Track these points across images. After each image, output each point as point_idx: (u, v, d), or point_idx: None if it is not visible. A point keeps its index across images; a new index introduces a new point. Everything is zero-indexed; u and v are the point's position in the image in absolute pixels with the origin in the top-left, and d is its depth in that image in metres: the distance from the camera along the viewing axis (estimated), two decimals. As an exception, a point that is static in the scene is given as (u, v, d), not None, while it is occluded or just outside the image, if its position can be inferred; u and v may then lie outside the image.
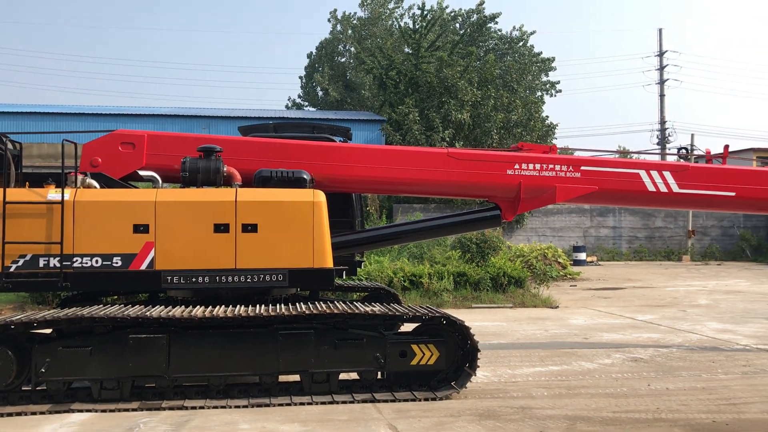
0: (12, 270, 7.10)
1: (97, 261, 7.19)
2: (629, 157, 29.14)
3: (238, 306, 7.34)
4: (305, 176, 8.03)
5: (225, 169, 7.90)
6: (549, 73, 40.55)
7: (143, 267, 7.22)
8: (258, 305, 7.44)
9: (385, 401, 6.99)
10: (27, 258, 7.12)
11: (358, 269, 10.26)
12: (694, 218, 35.59)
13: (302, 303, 7.71)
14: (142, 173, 8.11)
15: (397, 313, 7.23)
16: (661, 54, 50.69)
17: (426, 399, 7.08)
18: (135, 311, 6.99)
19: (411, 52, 33.67)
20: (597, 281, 23.12)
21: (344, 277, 10.49)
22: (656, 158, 46.82)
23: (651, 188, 9.22)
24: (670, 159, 40.08)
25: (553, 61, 40.22)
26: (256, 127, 9.75)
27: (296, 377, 7.28)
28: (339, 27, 45.33)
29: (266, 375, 7.12)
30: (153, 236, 7.23)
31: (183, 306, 7.42)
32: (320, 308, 7.20)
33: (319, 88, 45.44)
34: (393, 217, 28.71)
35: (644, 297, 18.22)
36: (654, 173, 9.23)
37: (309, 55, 48.05)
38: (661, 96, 50.53)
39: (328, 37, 46.13)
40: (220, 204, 7.36)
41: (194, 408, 6.76)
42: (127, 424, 6.31)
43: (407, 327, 7.67)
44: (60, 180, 7.34)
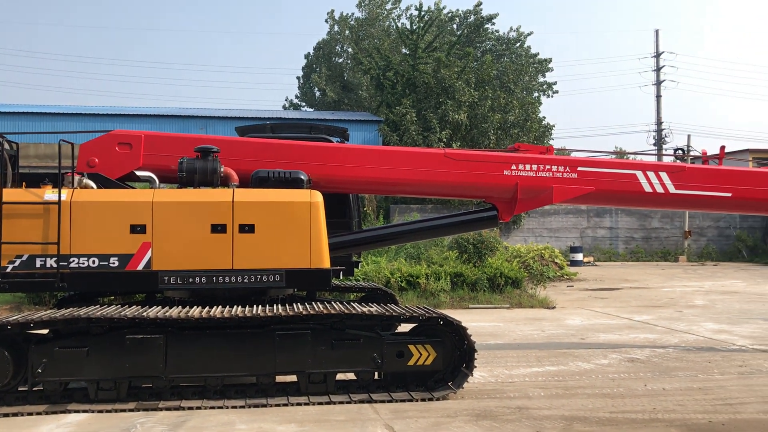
0: (9, 270, 7.09)
1: (94, 261, 7.18)
2: (626, 158, 29.21)
3: (235, 306, 7.34)
4: (302, 177, 8.03)
5: (222, 170, 7.89)
6: (546, 74, 40.67)
7: (140, 267, 7.21)
8: (255, 306, 7.44)
9: (382, 401, 7.00)
10: (24, 258, 7.11)
11: (356, 270, 10.25)
12: (691, 219, 35.67)
13: (299, 303, 7.71)
14: (139, 173, 8.11)
15: (394, 314, 7.24)
16: (658, 55, 50.80)
17: (423, 399, 7.08)
18: (132, 312, 6.99)
19: (408, 53, 33.70)
20: (594, 282, 23.16)
21: (341, 278, 10.50)
22: (653, 159, 46.88)
23: (647, 189, 9.24)
24: (667, 160, 40.11)
25: (550, 62, 40.32)
26: (254, 128, 9.74)
27: (293, 378, 7.28)
28: (336, 28, 45.34)
29: (263, 375, 7.12)
30: (150, 236, 7.22)
31: (180, 306, 7.41)
32: (317, 309, 7.20)
33: (317, 89, 45.44)
34: (390, 218, 28.71)
35: (641, 297, 18.25)
36: (650, 174, 9.25)
37: (306, 56, 48.10)
38: (658, 97, 50.64)
39: (326, 38, 46.14)
40: (217, 204, 7.36)
41: (191, 408, 6.75)
42: (124, 425, 6.30)
43: (404, 327, 7.67)
44: (57, 180, 7.33)
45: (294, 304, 7.58)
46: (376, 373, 7.33)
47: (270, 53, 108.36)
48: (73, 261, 7.15)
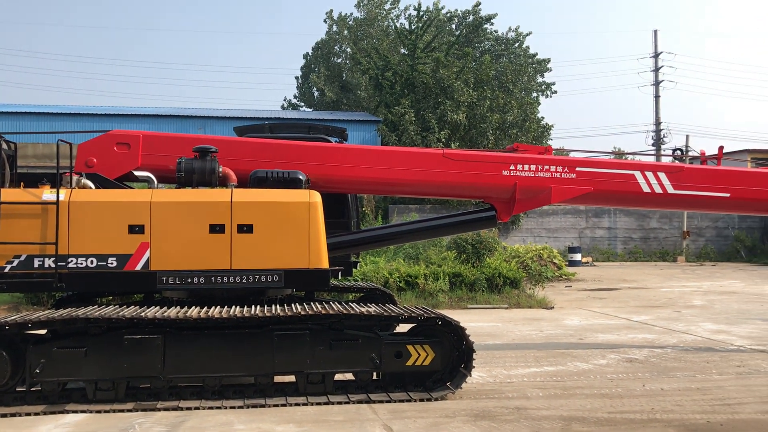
0: (6, 270, 7.09)
1: (92, 261, 7.17)
2: (624, 158, 29.23)
3: (234, 307, 7.33)
4: (301, 177, 8.03)
5: (220, 170, 7.89)
6: (544, 74, 40.69)
7: (138, 267, 7.21)
8: (253, 306, 7.43)
9: (381, 402, 7.00)
10: (22, 258, 7.10)
11: (354, 270, 10.24)
12: (689, 219, 35.70)
13: (298, 304, 7.70)
14: (138, 174, 8.10)
15: (393, 314, 7.24)
16: (657, 55, 50.84)
17: (421, 399, 7.08)
18: (130, 312, 6.98)
19: (407, 53, 33.70)
20: (592, 282, 23.17)
21: (340, 278, 10.49)
22: (651, 159, 46.91)
23: (646, 189, 9.24)
24: (665, 160, 40.16)
25: (549, 62, 40.35)
26: (252, 128, 9.73)
27: (292, 378, 7.28)
28: (335, 28, 45.34)
29: (261, 376, 7.12)
30: (148, 237, 7.22)
31: (178, 307, 7.40)
32: (316, 309, 7.19)
33: (315, 89, 45.44)
34: (389, 218, 28.71)
35: (639, 298, 18.26)
36: (649, 174, 9.26)
37: (305, 56, 48.09)
38: (656, 97, 50.67)
39: (324, 38, 46.14)
40: (216, 204, 7.36)
41: (189, 409, 6.75)
42: (122, 425, 6.30)
43: (403, 327, 7.67)
44: (55, 180, 7.33)
45: (292, 305, 7.58)
46: (375, 374, 7.33)
47: (269, 53, 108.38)
48: (71, 261, 7.15)
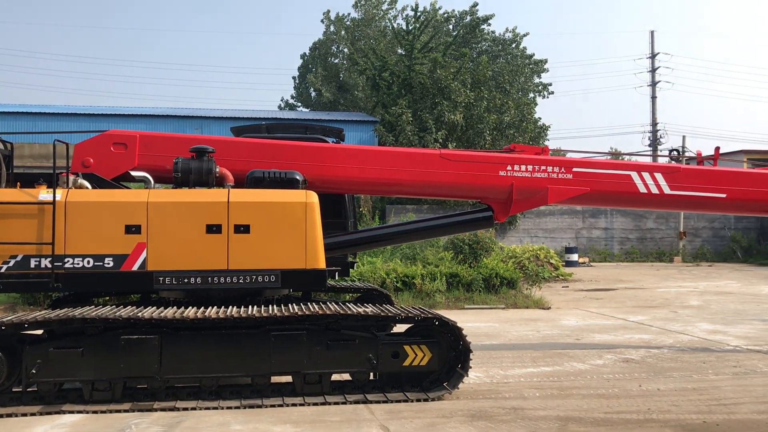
0: (3, 271, 7.07)
1: (89, 262, 7.16)
2: (621, 159, 29.26)
3: (231, 307, 7.33)
4: (298, 177, 8.03)
5: (217, 170, 7.88)
6: (541, 75, 40.70)
7: (135, 268, 7.20)
8: (250, 306, 7.43)
9: (378, 402, 7.00)
10: (18, 258, 7.09)
11: (351, 270, 10.24)
12: (686, 220, 35.76)
13: (295, 304, 7.70)
14: (134, 174, 8.09)
15: (390, 314, 7.24)
16: (653, 56, 50.93)
17: (418, 400, 7.08)
18: (127, 312, 6.97)
19: (404, 54, 33.71)
20: (589, 282, 23.19)
21: (337, 278, 10.48)
22: (648, 160, 47.03)
23: (642, 190, 9.25)
24: (662, 161, 40.22)
25: (546, 63, 40.35)
26: (249, 128, 9.72)
27: (288, 378, 7.28)
28: (332, 28, 45.34)
29: (258, 376, 7.11)
30: (145, 237, 7.21)
31: (175, 307, 7.40)
32: (313, 309, 7.19)
33: (312, 89, 45.42)
34: (386, 218, 28.71)
35: (636, 298, 18.28)
36: (645, 175, 9.27)
37: (302, 56, 48.07)
38: (653, 98, 50.76)
39: (322, 38, 46.13)
40: (213, 205, 7.35)
41: (186, 409, 6.74)
42: (119, 426, 6.29)
43: (400, 328, 7.68)
44: (51, 180, 7.32)
45: (289, 305, 7.58)
46: (372, 374, 7.33)
47: (266, 53, 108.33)
48: (68, 261, 7.13)
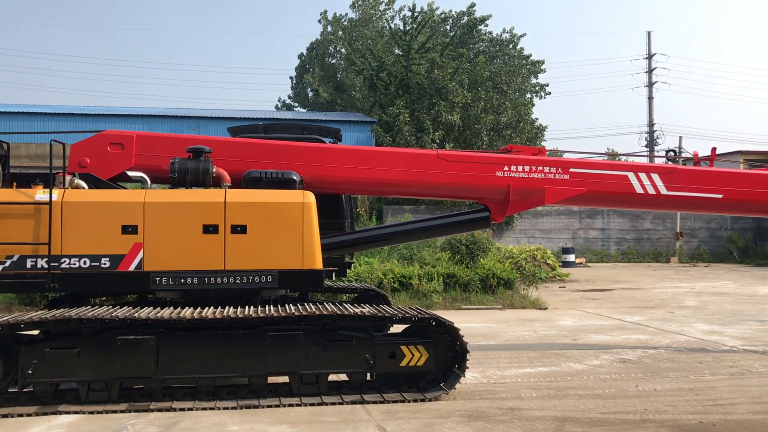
0: (-1, 271, 7.05)
1: (85, 262, 7.15)
2: (618, 159, 29.28)
3: (227, 307, 7.32)
4: (295, 177, 8.02)
5: (214, 170, 7.87)
6: (538, 76, 40.76)
7: (132, 268, 7.18)
8: (247, 306, 7.42)
9: (374, 402, 7.00)
10: (14, 259, 7.07)
11: (348, 270, 10.24)
12: (682, 220, 35.82)
13: (291, 304, 7.70)
14: (131, 174, 8.08)
15: (387, 315, 7.24)
16: (650, 57, 51.03)
17: (415, 400, 7.08)
18: (123, 312, 6.96)
19: (401, 54, 33.72)
20: (586, 283, 23.22)
21: (334, 279, 10.48)
22: (644, 160, 47.13)
23: (639, 190, 9.27)
24: (659, 161, 40.28)
25: (543, 64, 40.44)
26: (246, 128, 9.72)
27: (285, 378, 7.27)
28: (330, 28, 45.34)
29: (255, 376, 7.10)
30: (141, 237, 7.20)
31: (171, 307, 7.39)
32: (309, 309, 7.19)
33: (310, 89, 45.42)
34: (383, 219, 28.71)
35: (632, 298, 18.31)
36: (642, 175, 9.28)
37: (300, 56, 48.08)
38: (650, 98, 50.87)
39: (319, 38, 46.12)
40: (209, 205, 7.34)
41: (183, 409, 6.73)
42: (115, 426, 6.28)
43: (397, 328, 7.67)
44: (48, 180, 7.30)
45: (286, 305, 7.57)
46: (369, 374, 7.33)
47: (263, 53, 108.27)
48: (64, 261, 7.12)
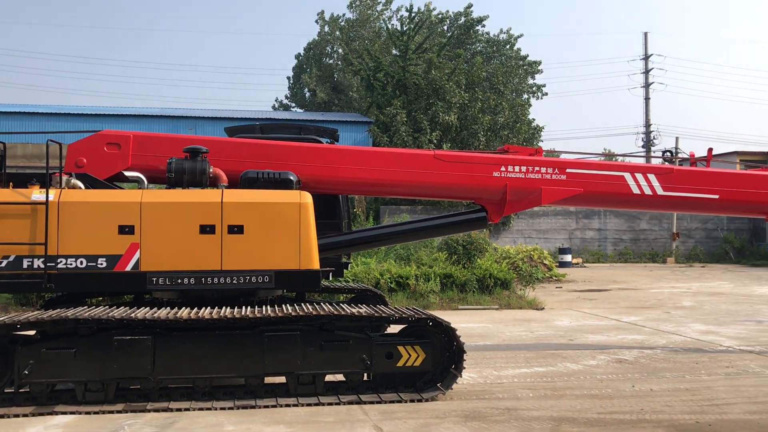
0: (-5, 271, 7.04)
1: (82, 262, 7.14)
2: (614, 160, 29.32)
3: (224, 307, 7.31)
4: (292, 177, 8.02)
5: (211, 170, 7.87)
6: (535, 76, 40.81)
7: (128, 268, 7.17)
8: (244, 307, 7.42)
9: (371, 403, 7.00)
10: (11, 259, 7.06)
11: (345, 271, 10.23)
12: (679, 221, 35.90)
13: (288, 304, 7.69)
14: (128, 174, 8.07)
15: (384, 315, 7.24)
16: (647, 57, 51.14)
17: (412, 400, 7.08)
18: (120, 313, 6.95)
19: (398, 54, 33.73)
20: (582, 283, 23.25)
21: (331, 279, 10.48)
22: (641, 161, 47.19)
23: (636, 191, 9.28)
24: (655, 162, 40.39)
25: (540, 64, 40.48)
26: (243, 128, 9.71)
27: (282, 379, 7.26)
28: (327, 28, 45.32)
29: (252, 377, 7.10)
30: (138, 237, 7.19)
31: (168, 307, 7.38)
32: (306, 310, 7.19)
33: (307, 89, 45.40)
34: (380, 219, 28.71)
35: (629, 299, 18.34)
36: (639, 176, 9.30)
37: (297, 56, 48.05)
38: (647, 99, 51.00)
39: (316, 39, 46.10)
40: (206, 205, 7.34)
41: (179, 410, 6.72)
42: (112, 427, 6.27)
43: (394, 328, 7.68)
44: (44, 180, 7.29)
45: (283, 306, 7.57)
46: (365, 374, 7.33)
47: (260, 53, 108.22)
48: (61, 262, 7.11)
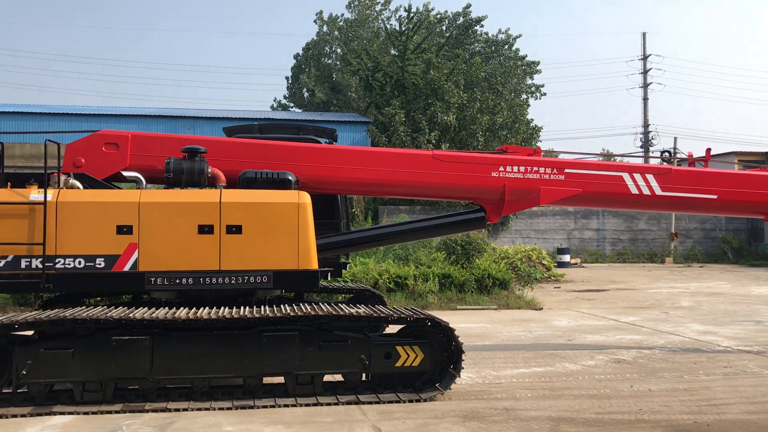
0: (-7, 271, 7.03)
1: (80, 262, 7.13)
2: (613, 160, 29.37)
3: (223, 307, 7.31)
4: (290, 177, 8.01)
5: (209, 170, 7.86)
6: (534, 76, 40.84)
7: (126, 268, 7.17)
8: (242, 307, 7.41)
9: (370, 403, 6.99)
10: (8, 259, 7.05)
11: (344, 271, 10.23)
12: (677, 221, 35.93)
13: (287, 305, 7.69)
14: (126, 174, 8.06)
15: (382, 315, 7.24)
16: (645, 58, 51.18)
17: (410, 400, 7.08)
18: (118, 313, 6.94)
19: (397, 54, 33.74)
20: (581, 283, 23.26)
21: (329, 279, 10.48)
22: (639, 161, 47.22)
23: (634, 191, 9.29)
24: (654, 162, 40.39)
25: (538, 65, 40.52)
26: (241, 128, 9.70)
27: (281, 379, 7.26)
28: (326, 28, 45.32)
29: (250, 377, 7.09)
30: (136, 237, 7.18)
31: (167, 307, 7.37)
32: (305, 310, 7.18)
33: (305, 89, 45.40)
34: (378, 219, 28.71)
35: (627, 299, 18.35)
36: (637, 176, 9.30)
37: (295, 56, 48.04)
38: (645, 99, 51.04)
39: (315, 39, 46.10)
40: (205, 205, 7.33)
41: (178, 410, 6.72)
42: (110, 427, 6.27)
43: (392, 329, 7.68)
44: (42, 180, 7.28)
45: (282, 306, 7.56)
46: (364, 375, 7.33)
47: (259, 53, 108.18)
48: (59, 262, 7.10)
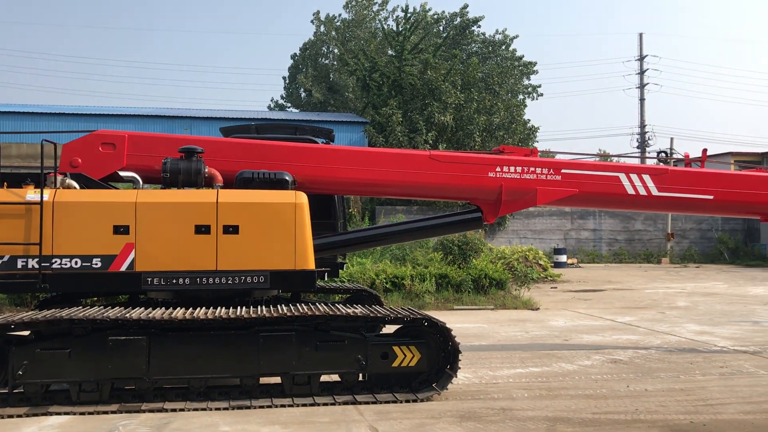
0: (-11, 271, 7.01)
1: (77, 262, 7.12)
2: (609, 161, 29.40)
3: (219, 308, 7.31)
4: (287, 178, 8.01)
5: (206, 170, 7.86)
6: (531, 77, 40.87)
7: (123, 268, 7.16)
8: (239, 307, 7.41)
9: (367, 403, 7.00)
10: (5, 259, 7.04)
11: (340, 271, 10.23)
12: (673, 221, 35.99)
13: (284, 305, 7.69)
14: (123, 174, 8.06)
15: (379, 315, 7.24)
16: (642, 58, 51.23)
17: (407, 401, 7.09)
18: (114, 313, 6.93)
19: (394, 55, 33.74)
20: (577, 283, 23.28)
21: (326, 279, 10.47)
22: (636, 161, 47.33)
23: (630, 191, 9.31)
24: (650, 162, 40.44)
25: (535, 65, 40.54)
26: (238, 128, 9.70)
27: (277, 379, 7.26)
28: (323, 28, 45.31)
29: (247, 377, 7.09)
30: (133, 237, 7.18)
31: (163, 308, 7.37)
32: (301, 310, 7.19)
33: (303, 90, 45.37)
34: (375, 219, 28.71)
35: (624, 299, 18.38)
36: (633, 176, 9.32)
37: (293, 56, 48.00)
38: (642, 100, 51.08)
39: (312, 39, 46.09)
40: (201, 205, 7.33)
41: (174, 410, 6.72)
42: (106, 427, 6.26)
43: (389, 329, 7.68)
44: (39, 180, 7.27)
45: (278, 306, 7.56)
46: (361, 375, 7.33)
47: (256, 53, 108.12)
48: (56, 262, 7.09)
